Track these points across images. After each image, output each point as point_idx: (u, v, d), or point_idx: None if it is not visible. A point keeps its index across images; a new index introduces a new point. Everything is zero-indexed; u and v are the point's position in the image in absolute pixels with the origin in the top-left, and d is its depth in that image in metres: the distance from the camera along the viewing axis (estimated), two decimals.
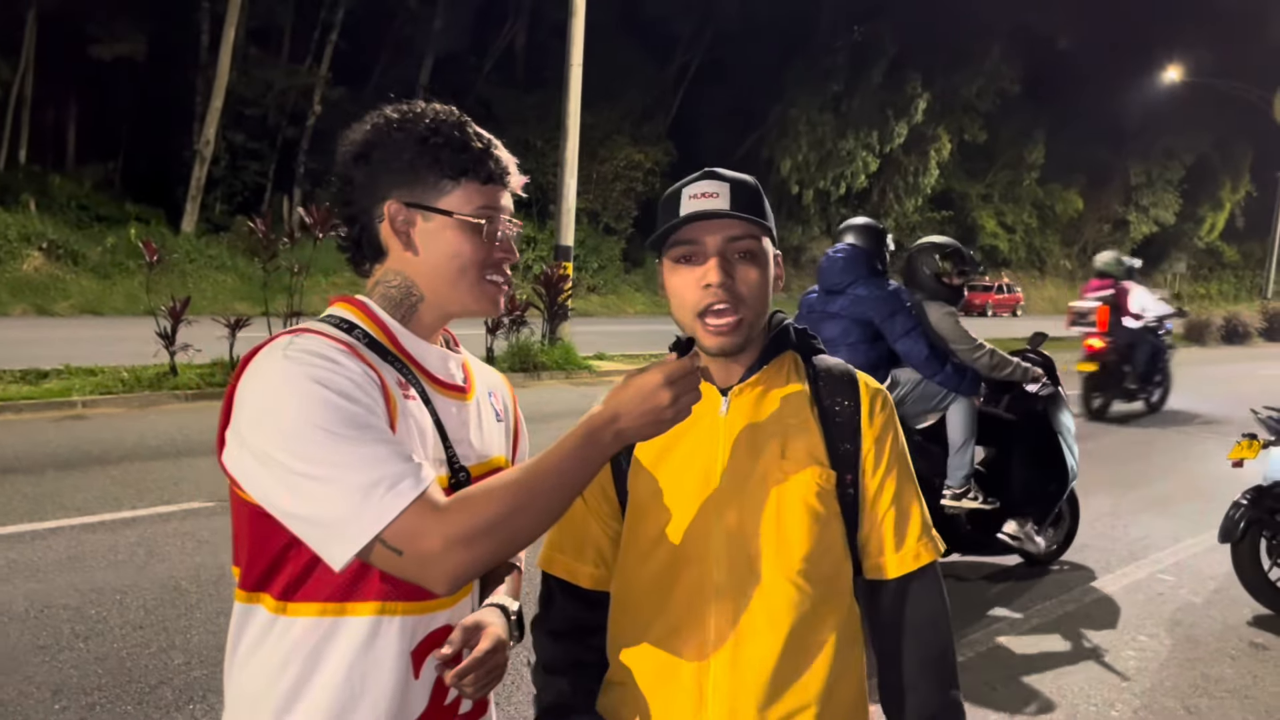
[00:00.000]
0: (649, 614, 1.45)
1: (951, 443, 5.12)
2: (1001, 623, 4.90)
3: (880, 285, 4.85)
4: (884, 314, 4.77)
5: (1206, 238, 54.00)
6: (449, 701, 1.38)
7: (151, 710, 3.50)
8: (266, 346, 1.31)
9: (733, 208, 1.42)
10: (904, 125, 36.55)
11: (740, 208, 1.42)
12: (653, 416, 1.26)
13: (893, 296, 4.82)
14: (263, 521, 1.27)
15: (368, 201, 1.40)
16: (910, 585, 1.48)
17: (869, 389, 1.51)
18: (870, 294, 4.80)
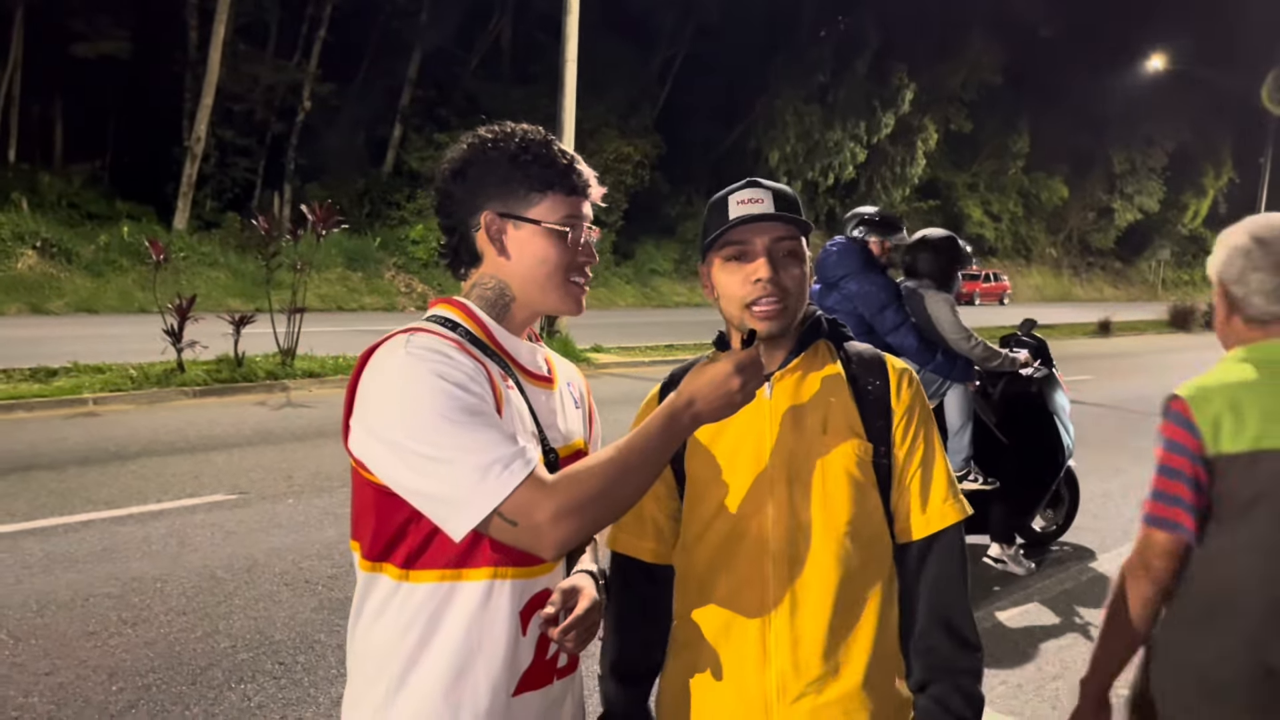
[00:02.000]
0: (713, 580, 1.62)
1: (950, 427, 5.30)
2: (1003, 600, 5.10)
3: (871, 280, 4.92)
4: (873, 309, 4.87)
5: (1190, 225, 54.46)
6: (549, 656, 1.55)
7: (205, 689, 3.67)
8: (386, 343, 1.48)
9: (776, 211, 1.60)
10: (891, 116, 36.77)
11: (783, 212, 1.61)
12: (725, 400, 1.44)
13: (882, 291, 4.89)
14: (386, 499, 1.44)
15: (465, 213, 1.57)
16: (933, 545, 1.61)
17: (896, 369, 1.68)
18: (860, 289, 4.89)
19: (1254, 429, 1.74)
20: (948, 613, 1.62)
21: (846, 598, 1.57)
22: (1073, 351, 21.19)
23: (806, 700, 1.56)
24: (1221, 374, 1.85)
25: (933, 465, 1.64)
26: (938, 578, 1.63)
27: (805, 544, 1.57)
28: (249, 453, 7.33)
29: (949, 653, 1.61)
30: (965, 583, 1.65)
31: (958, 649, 1.61)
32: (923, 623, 1.62)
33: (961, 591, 1.64)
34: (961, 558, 1.65)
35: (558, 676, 1.58)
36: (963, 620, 1.63)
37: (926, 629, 1.61)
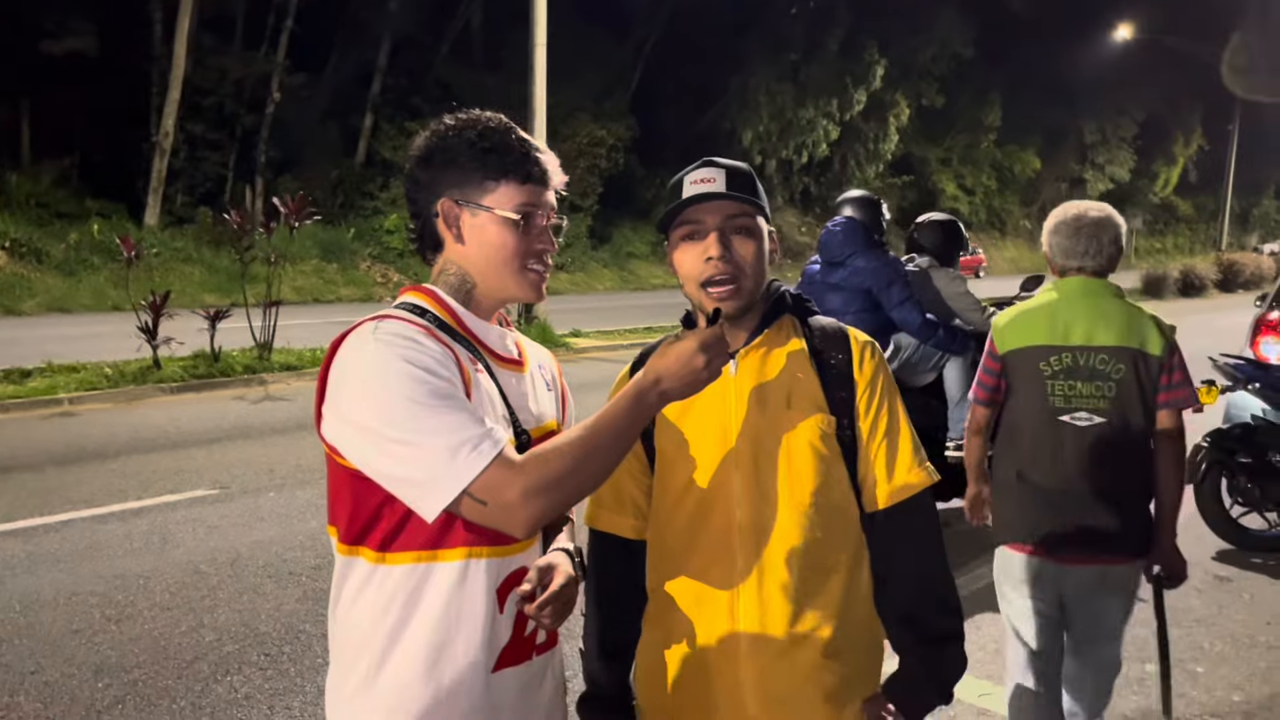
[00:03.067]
0: (684, 553, 1.67)
1: (950, 398, 5.42)
2: (984, 568, 5.17)
3: (877, 256, 5.04)
4: (881, 284, 4.97)
5: (1161, 193, 54.83)
6: (528, 633, 1.58)
7: (192, 683, 3.70)
8: (355, 331, 1.51)
9: (729, 190, 1.62)
10: (863, 92, 36.78)
11: (735, 190, 1.63)
12: (691, 378, 1.48)
13: (888, 267, 5.01)
14: (360, 483, 1.47)
15: (428, 200, 1.60)
16: (901, 512, 1.65)
17: (858, 342, 1.71)
18: (868, 265, 4.99)
19: (1014, 340, 2.91)
20: (928, 579, 1.66)
21: (811, 567, 1.62)
22: None
23: (775, 666, 1.61)
24: (1022, 305, 2.98)
25: (897, 434, 1.67)
26: (911, 544, 1.67)
27: (771, 516, 1.61)
28: (229, 447, 7.32)
29: (932, 619, 1.65)
30: (941, 547, 1.69)
31: (939, 614, 1.66)
32: (904, 589, 1.66)
33: (939, 556, 1.68)
34: (933, 523, 1.69)
35: (537, 653, 1.62)
36: (943, 585, 1.67)
37: (908, 595, 1.66)
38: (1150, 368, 2.80)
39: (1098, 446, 2.80)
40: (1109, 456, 2.80)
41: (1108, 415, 2.80)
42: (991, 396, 3.00)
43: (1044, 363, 2.85)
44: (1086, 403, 2.82)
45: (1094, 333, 2.82)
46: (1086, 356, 2.82)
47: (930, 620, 1.65)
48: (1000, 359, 2.94)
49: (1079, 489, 2.81)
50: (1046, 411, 2.85)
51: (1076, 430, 2.82)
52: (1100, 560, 2.83)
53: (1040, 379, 2.86)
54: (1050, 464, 2.85)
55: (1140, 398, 2.80)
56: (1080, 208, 2.97)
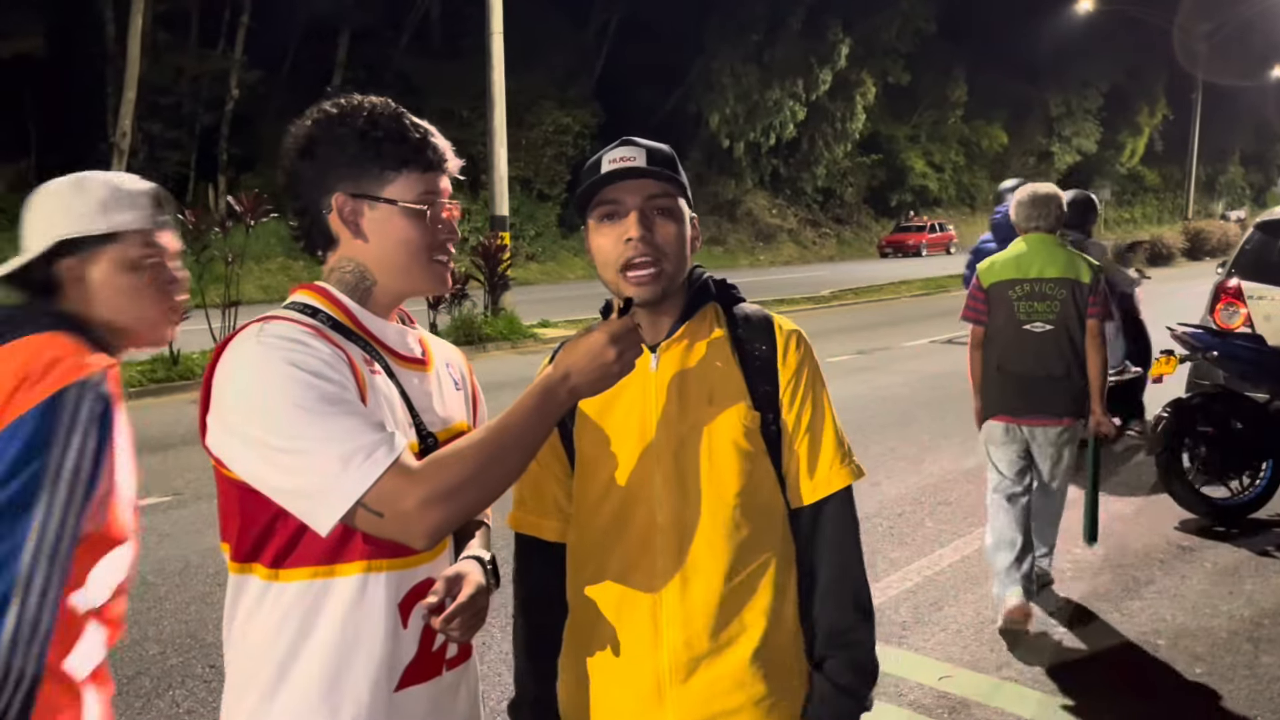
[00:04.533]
0: (603, 557, 1.58)
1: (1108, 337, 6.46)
2: (946, 547, 5.14)
3: None
4: None
5: (1128, 164, 55.19)
6: (436, 648, 1.49)
7: (133, 699, 3.58)
8: (240, 334, 1.41)
9: (649, 168, 1.53)
10: (828, 72, 36.73)
11: (656, 169, 1.54)
12: (601, 372, 1.40)
13: None
14: (249, 497, 1.38)
15: (315, 194, 1.49)
16: (823, 509, 1.59)
17: (784, 331, 1.63)
18: None
19: (992, 276, 4.25)
20: (841, 579, 1.60)
21: (738, 569, 1.54)
22: None
23: (700, 675, 1.53)
24: (996, 256, 4.38)
25: (821, 429, 1.61)
26: (830, 543, 1.60)
27: (694, 517, 1.54)
28: (184, 453, 7.15)
29: (840, 622, 1.59)
30: (857, 546, 1.63)
31: (848, 617, 1.59)
32: (823, 592, 1.60)
33: (855, 556, 1.62)
34: (852, 521, 1.63)
35: (448, 667, 1.54)
36: (856, 585, 1.61)
37: (821, 596, 1.60)
38: (1082, 292, 4.17)
39: (1048, 345, 4.18)
40: (1055, 352, 4.18)
41: (1054, 324, 4.17)
42: (978, 317, 4.35)
43: (1012, 290, 4.23)
44: (1041, 316, 4.19)
45: (1045, 269, 4.20)
46: (1040, 285, 4.20)
47: (842, 625, 1.59)
48: (985, 290, 4.31)
49: (1038, 374, 4.18)
50: (1014, 323, 4.22)
51: (1034, 335, 4.20)
52: (1053, 421, 4.22)
53: (1010, 301, 4.23)
54: (1018, 358, 4.21)
55: (1076, 312, 4.17)
56: (1033, 187, 4.40)
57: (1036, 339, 4.17)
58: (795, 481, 1.59)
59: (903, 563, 4.93)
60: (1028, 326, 4.18)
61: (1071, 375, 4.18)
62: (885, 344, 13.36)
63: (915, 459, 6.97)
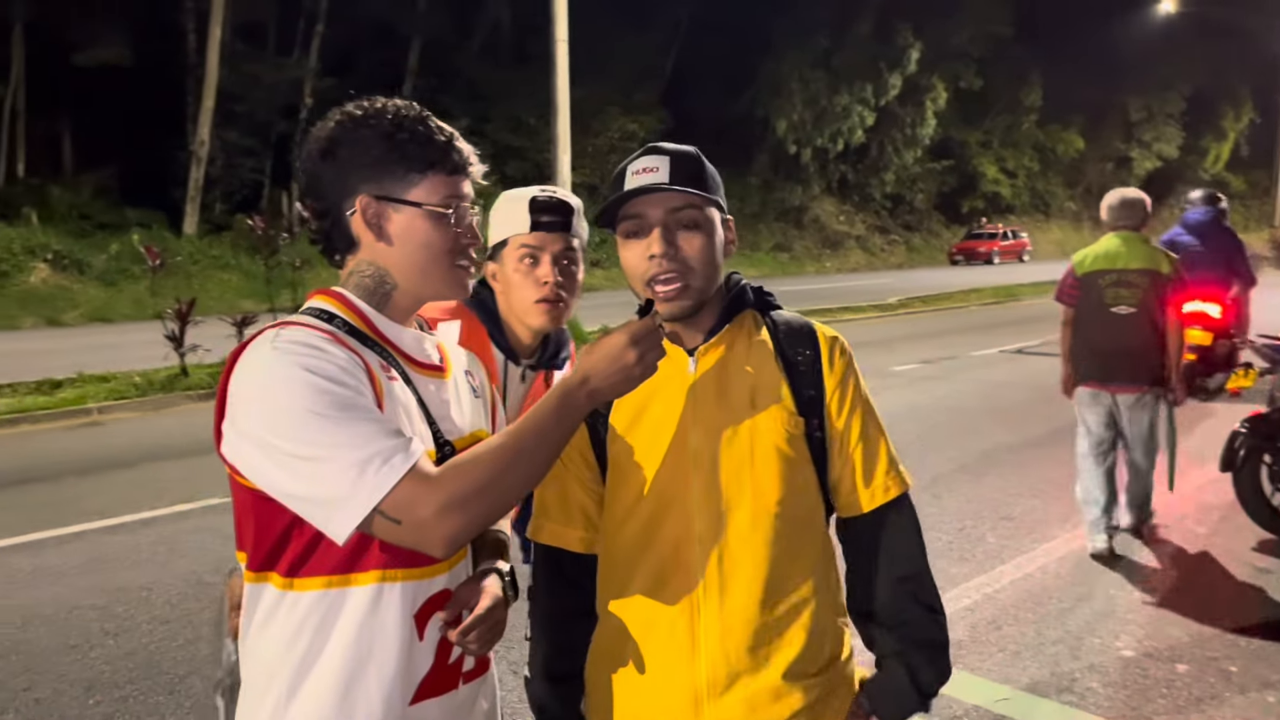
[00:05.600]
0: (636, 567, 1.53)
1: None
2: (1007, 564, 4.98)
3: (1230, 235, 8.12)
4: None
5: (1212, 169, 53.36)
6: (453, 660, 1.46)
7: (183, 699, 3.63)
8: (255, 340, 1.39)
9: (672, 180, 1.48)
10: (898, 77, 36.26)
11: (680, 180, 1.48)
12: (622, 375, 1.35)
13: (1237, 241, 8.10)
14: (265, 505, 1.36)
15: (337, 196, 1.47)
16: (884, 516, 1.57)
17: (826, 338, 1.58)
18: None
19: (1085, 267, 5.09)
20: (914, 584, 1.56)
21: (779, 579, 1.49)
22: None
23: (738, 689, 1.48)
24: (1089, 249, 5.19)
25: (876, 436, 1.58)
26: (897, 548, 1.57)
27: (732, 526, 1.49)
28: None
29: (923, 623, 1.55)
30: (923, 552, 1.59)
31: (930, 620, 1.56)
32: (888, 596, 1.56)
33: (922, 562, 1.59)
34: (914, 527, 1.59)
35: (464, 680, 1.50)
36: (928, 590, 1.57)
37: (895, 602, 1.55)
38: (1161, 281, 4.96)
39: (1130, 325, 4.98)
40: (1136, 331, 4.97)
41: (1136, 308, 4.96)
42: (1071, 300, 5.20)
43: (1102, 279, 5.04)
44: (1125, 301, 4.98)
45: (1131, 261, 4.99)
46: (1126, 275, 5.00)
47: (925, 626, 1.56)
48: (1078, 278, 5.15)
49: (1120, 349, 5.00)
50: (1103, 306, 5.04)
51: (1120, 316, 5.00)
52: (1133, 389, 5.04)
53: (1100, 288, 5.04)
54: (1105, 336, 5.04)
55: (1156, 298, 4.94)
56: (1121, 192, 5.24)
57: (1121, 319, 4.98)
58: (850, 489, 1.56)
59: (961, 579, 4.79)
60: (1114, 309, 4.99)
61: (1149, 351, 4.96)
62: (952, 353, 13.09)
63: (979, 472, 6.79)
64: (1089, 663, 3.89)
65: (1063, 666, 3.85)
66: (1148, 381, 4.99)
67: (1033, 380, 10.85)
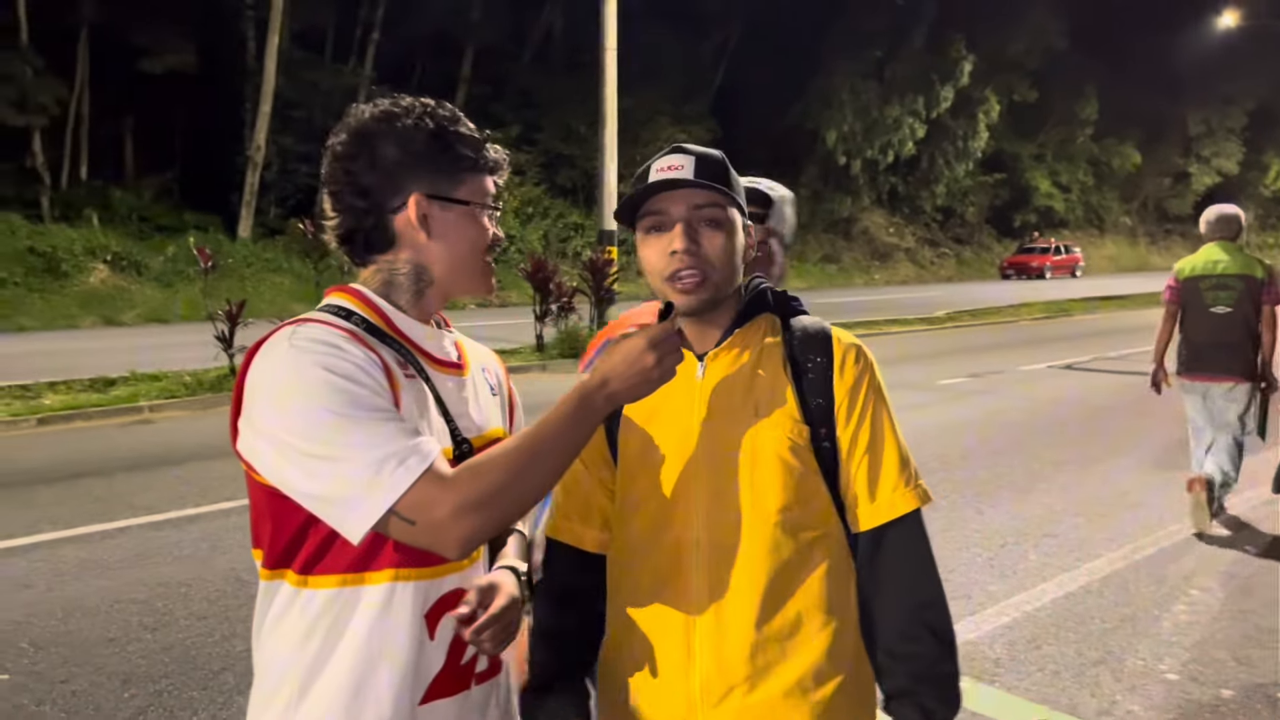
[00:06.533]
0: (637, 570, 1.52)
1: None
2: (1049, 582, 4.88)
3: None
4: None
5: (1273, 185, 52.18)
6: (465, 660, 1.45)
7: (215, 694, 3.67)
8: (272, 337, 1.40)
9: (696, 179, 1.46)
10: (950, 89, 35.92)
11: (704, 178, 1.47)
12: (640, 378, 1.34)
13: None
14: (280, 503, 1.36)
15: (383, 195, 1.46)
16: (886, 535, 1.49)
17: (842, 344, 1.53)
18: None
19: (1186, 271, 5.81)
20: (924, 611, 1.49)
21: (778, 591, 1.45)
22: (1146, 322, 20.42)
23: (732, 701, 1.45)
24: (1190, 257, 5.92)
25: (881, 449, 1.50)
26: (896, 572, 1.49)
27: (734, 534, 1.46)
28: None
29: (933, 656, 1.48)
30: (933, 574, 1.51)
31: (939, 652, 1.49)
32: (898, 621, 1.49)
33: (934, 586, 1.51)
34: (923, 548, 1.51)
35: (477, 681, 1.49)
36: (941, 619, 1.50)
37: (905, 629, 1.48)
38: (1255, 285, 5.61)
39: (1226, 323, 5.64)
40: (1232, 328, 5.63)
41: (1233, 307, 5.62)
42: (1174, 300, 5.86)
43: (1203, 282, 5.72)
44: (1223, 301, 5.65)
45: (1228, 267, 5.66)
46: (1224, 279, 5.66)
47: (935, 659, 1.48)
48: (1180, 282, 5.83)
49: (1217, 344, 5.65)
50: (1203, 307, 5.71)
51: (1218, 315, 5.67)
52: (1228, 379, 5.64)
53: (1200, 291, 5.73)
54: (1204, 332, 5.71)
55: (1250, 299, 5.59)
56: (1219, 208, 5.90)
57: (1219, 318, 5.66)
58: (854, 504, 1.50)
59: (1001, 596, 4.70)
60: (1213, 309, 5.68)
61: (1244, 345, 5.61)
62: (1000, 367, 12.90)
63: (1023, 488, 6.67)
64: (1130, 685, 3.79)
65: (1104, 688, 3.76)
66: (1240, 374, 5.58)
67: (1082, 397, 10.65)
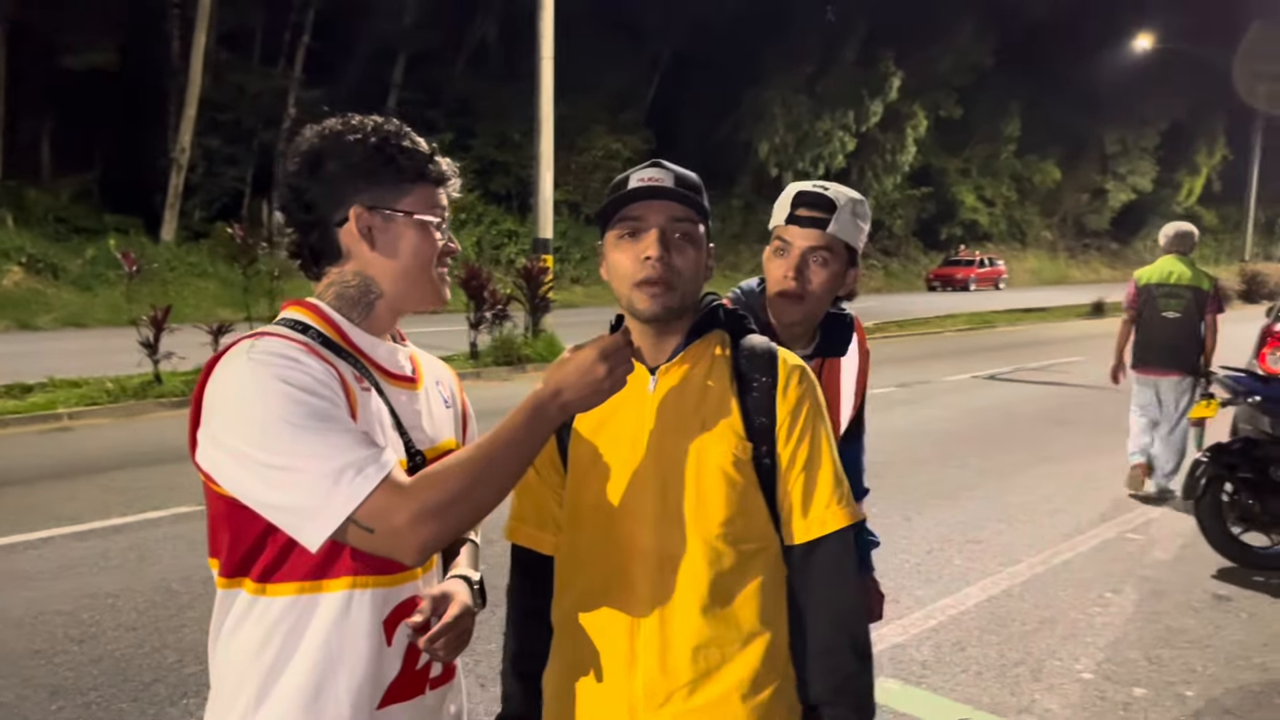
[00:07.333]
0: (586, 575, 1.57)
1: None
2: (973, 586, 5.04)
3: None
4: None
5: (1184, 203, 54.11)
6: (420, 666, 1.49)
7: (146, 706, 3.62)
8: (231, 350, 1.42)
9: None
10: (879, 104, 36.62)
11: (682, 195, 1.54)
12: (592, 388, 1.39)
13: None
14: (239, 513, 1.39)
15: (327, 209, 1.50)
16: (816, 550, 1.55)
17: (787, 365, 1.60)
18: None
19: (1144, 280, 6.92)
20: (846, 624, 1.56)
21: (719, 599, 1.52)
22: (1066, 334, 21.12)
23: (674, 704, 1.51)
24: (1151, 266, 7.03)
25: (817, 468, 1.57)
26: (824, 585, 1.57)
27: (678, 544, 1.52)
28: None
29: (850, 668, 1.55)
30: (854, 589, 1.59)
31: (857, 664, 1.56)
32: (821, 633, 1.56)
33: (852, 599, 1.58)
34: (850, 563, 1.58)
35: (431, 686, 1.53)
36: (855, 630, 1.57)
37: (827, 641, 1.56)
38: (1201, 295, 6.64)
39: (1176, 326, 6.69)
40: (1181, 331, 6.67)
41: (1181, 314, 6.65)
42: (1133, 305, 6.90)
43: (1158, 290, 6.73)
44: (1173, 308, 6.66)
45: (1180, 278, 6.69)
46: (1175, 288, 6.67)
47: (852, 671, 1.55)
48: (1139, 289, 6.86)
49: (1167, 344, 6.71)
50: (1156, 312, 6.72)
51: (1169, 319, 6.69)
52: (1176, 373, 6.70)
53: (1155, 298, 6.74)
54: (1157, 333, 6.76)
55: (1198, 308, 6.62)
56: (1175, 226, 6.97)
57: (1170, 322, 6.70)
58: (789, 519, 1.57)
59: (928, 601, 4.84)
60: (1165, 314, 6.71)
61: (1190, 346, 6.65)
62: (926, 378, 13.20)
63: (949, 495, 6.86)
64: (1049, 684, 3.95)
65: (1024, 688, 3.91)
66: (1186, 369, 6.63)
67: (1004, 407, 10.96)
